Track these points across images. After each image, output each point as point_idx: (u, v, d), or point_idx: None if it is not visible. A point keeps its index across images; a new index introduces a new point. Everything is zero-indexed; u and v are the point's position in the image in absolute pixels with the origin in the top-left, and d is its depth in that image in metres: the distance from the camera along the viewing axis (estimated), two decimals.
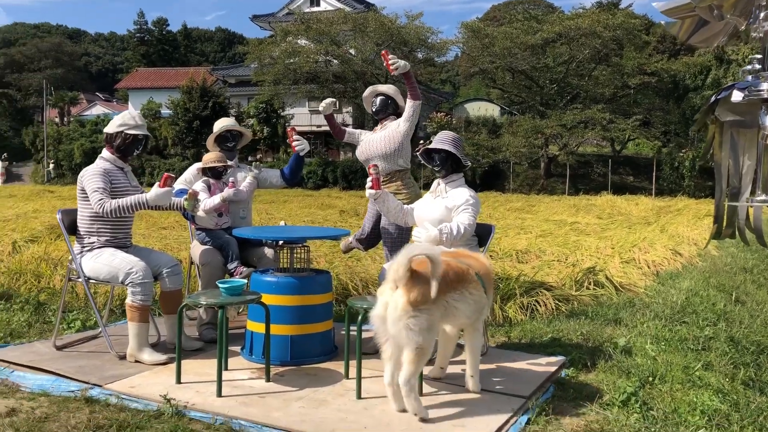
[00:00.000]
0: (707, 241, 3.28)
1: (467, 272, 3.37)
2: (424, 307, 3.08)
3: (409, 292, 3.06)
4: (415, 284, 3.07)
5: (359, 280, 6.44)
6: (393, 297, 3.08)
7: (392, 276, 3.08)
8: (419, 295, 3.06)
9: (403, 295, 3.05)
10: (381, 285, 4.19)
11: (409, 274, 3.06)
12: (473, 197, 4.09)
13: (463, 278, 3.34)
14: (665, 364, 4.16)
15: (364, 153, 4.94)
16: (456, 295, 3.28)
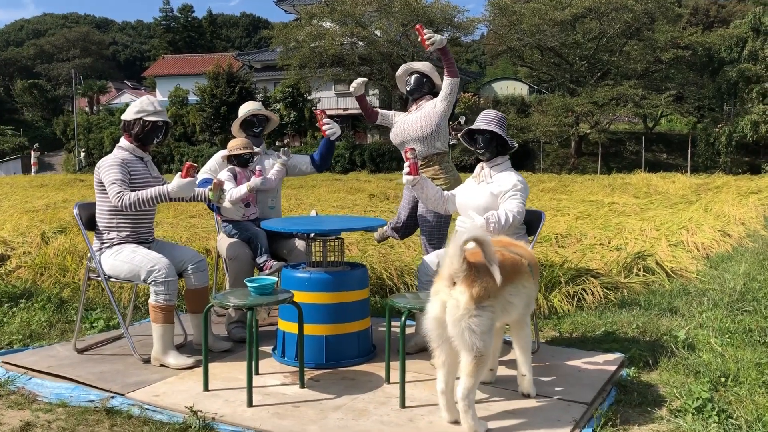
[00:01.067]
0: None
1: (520, 263, 3.04)
2: (488, 303, 2.76)
3: (471, 287, 2.73)
4: (475, 277, 2.75)
5: (394, 269, 6.14)
6: (452, 295, 2.76)
7: (447, 271, 2.76)
8: (482, 289, 2.74)
9: (465, 291, 2.73)
10: (430, 282, 3.90)
11: (467, 266, 2.74)
12: (521, 182, 3.73)
13: (517, 269, 3.01)
14: (735, 362, 3.78)
15: (399, 135, 4.61)
16: (512, 289, 2.95)
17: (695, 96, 32.80)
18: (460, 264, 2.72)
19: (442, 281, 2.81)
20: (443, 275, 2.79)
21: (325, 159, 4.77)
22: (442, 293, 2.80)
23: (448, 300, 2.76)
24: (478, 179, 3.85)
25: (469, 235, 2.73)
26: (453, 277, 2.75)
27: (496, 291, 2.81)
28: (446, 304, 2.77)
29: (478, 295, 2.73)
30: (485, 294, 2.75)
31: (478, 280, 2.75)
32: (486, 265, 2.78)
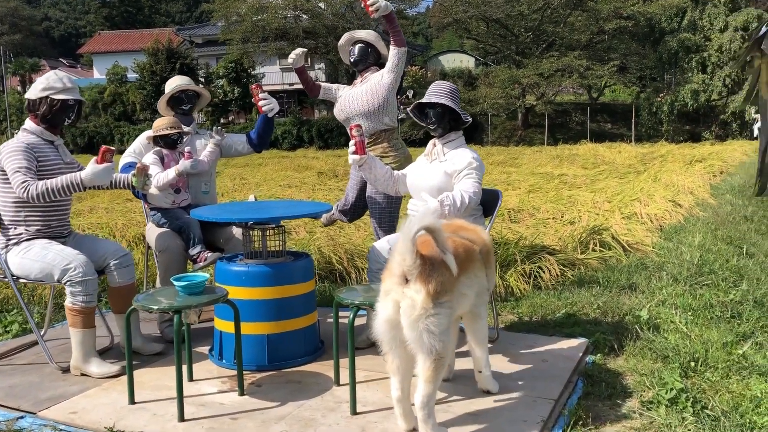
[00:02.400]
0: (755, 193, 2.75)
1: (472, 249, 2.74)
2: (445, 299, 2.46)
3: (427, 284, 2.42)
4: (431, 272, 2.44)
5: (343, 252, 5.81)
6: (406, 294, 2.44)
7: (399, 268, 2.44)
8: (438, 284, 2.43)
9: (421, 288, 2.41)
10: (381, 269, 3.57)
11: (420, 261, 2.42)
12: (477, 159, 3.43)
13: (470, 257, 2.71)
14: (702, 343, 3.60)
15: (344, 111, 4.25)
16: (466, 279, 2.65)
17: (637, 66, 33.16)
18: (414, 259, 2.40)
19: (392, 278, 2.49)
20: (393, 272, 2.47)
21: (262, 138, 4.38)
22: (394, 292, 2.47)
23: (402, 300, 2.44)
24: (430, 157, 3.54)
25: (418, 224, 2.41)
26: (406, 274, 2.43)
27: (452, 284, 2.52)
28: (400, 304, 2.45)
29: (435, 292, 2.42)
30: (442, 289, 2.45)
31: (434, 275, 2.44)
32: (439, 256, 2.48)
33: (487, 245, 2.85)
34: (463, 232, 2.78)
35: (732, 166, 15.34)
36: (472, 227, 2.90)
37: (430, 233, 2.46)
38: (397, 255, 2.43)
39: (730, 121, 29.91)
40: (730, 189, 11.32)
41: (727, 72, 29.38)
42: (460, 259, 2.57)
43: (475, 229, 2.87)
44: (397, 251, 2.43)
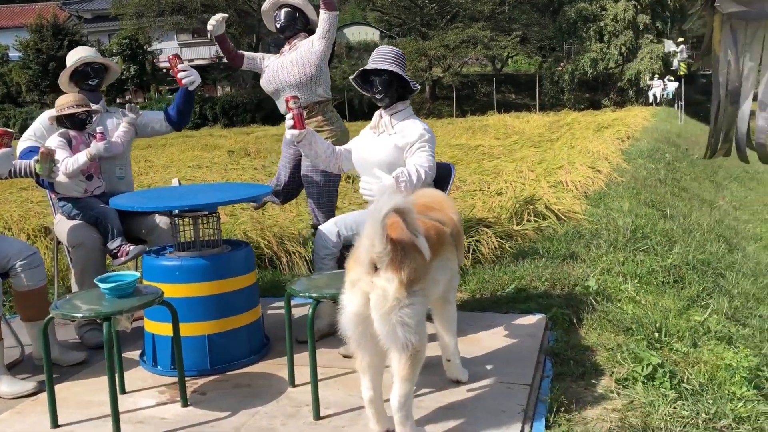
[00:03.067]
0: (705, 156, 2.72)
1: (443, 231, 2.50)
2: (419, 287, 2.20)
3: (400, 272, 2.14)
4: (403, 259, 2.17)
5: (272, 235, 5.46)
6: (376, 284, 2.15)
7: (368, 255, 2.15)
8: (411, 271, 2.17)
9: (393, 277, 2.14)
10: (330, 255, 3.28)
11: (391, 247, 2.15)
12: (428, 131, 3.18)
13: (441, 240, 2.47)
14: (659, 312, 3.53)
15: (272, 82, 3.89)
16: (438, 263, 2.41)
17: (538, 36, 33.91)
18: (384, 245, 2.12)
19: (359, 267, 2.20)
20: (361, 260, 2.18)
21: (183, 113, 3.94)
22: (361, 283, 2.19)
23: (372, 291, 2.16)
24: (377, 130, 3.25)
25: (388, 205, 2.13)
26: (377, 261, 2.15)
27: (426, 270, 2.26)
28: (369, 295, 2.17)
29: (409, 280, 2.16)
30: (415, 277, 2.19)
31: (406, 261, 2.17)
32: (410, 240, 2.22)
33: (457, 226, 2.61)
34: (431, 212, 2.52)
35: (636, 131, 15.85)
36: (440, 204, 2.64)
37: (400, 215, 2.19)
38: (365, 240, 2.15)
39: (627, 88, 31.08)
40: (641, 153, 11.66)
41: (622, 40, 30.44)
42: (432, 242, 2.31)
43: (443, 208, 2.62)
44: (365, 236, 2.14)
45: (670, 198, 8.49)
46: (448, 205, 2.64)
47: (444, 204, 2.64)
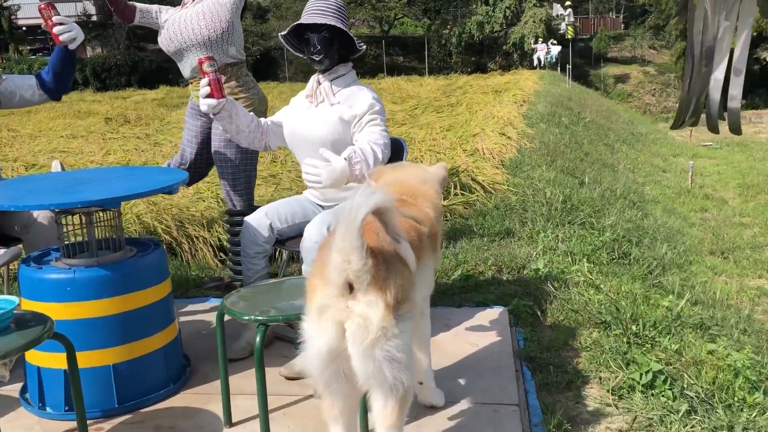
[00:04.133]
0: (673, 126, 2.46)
1: (422, 233, 1.99)
2: (407, 309, 1.68)
3: (384, 291, 1.62)
4: (387, 274, 1.64)
5: (171, 218, 4.76)
6: (354, 310, 1.61)
7: (342, 275, 1.60)
8: (399, 289, 1.65)
9: (377, 299, 1.61)
10: (261, 253, 2.69)
11: (372, 261, 1.62)
12: (378, 100, 2.64)
13: (421, 244, 1.96)
14: (626, 298, 3.22)
15: (174, 40, 3.21)
16: (419, 275, 1.91)
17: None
18: (364, 260, 1.59)
19: (327, 290, 1.65)
20: (331, 280, 1.63)
21: (61, 78, 3.14)
22: (333, 310, 1.64)
23: (349, 319, 1.63)
24: (315, 99, 2.67)
25: (366, 206, 1.58)
26: (352, 281, 1.62)
27: (411, 285, 1.76)
28: (345, 325, 1.64)
29: (396, 301, 1.64)
30: (403, 296, 1.68)
31: (392, 278, 1.65)
32: (391, 249, 1.70)
33: (435, 225, 2.08)
34: (405, 208, 1.99)
35: (530, 95, 15.92)
36: (412, 190, 2.09)
37: (378, 216, 1.66)
38: (337, 255, 1.60)
39: (512, 52, 31.51)
40: (541, 118, 11.62)
41: (507, 4, 30.72)
42: (414, 247, 1.80)
43: (415, 195, 2.08)
44: (337, 250, 1.60)
45: (580, 164, 8.42)
46: (423, 190, 2.11)
47: (418, 189, 2.10)
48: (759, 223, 9.09)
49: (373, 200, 1.59)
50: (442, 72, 29.74)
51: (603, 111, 18.30)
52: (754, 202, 10.62)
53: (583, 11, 39.42)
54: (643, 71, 32.45)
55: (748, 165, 13.92)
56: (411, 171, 2.20)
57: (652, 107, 30.00)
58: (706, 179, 12.59)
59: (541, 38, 29.05)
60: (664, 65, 32.02)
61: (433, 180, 2.19)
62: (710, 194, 11.10)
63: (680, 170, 12.93)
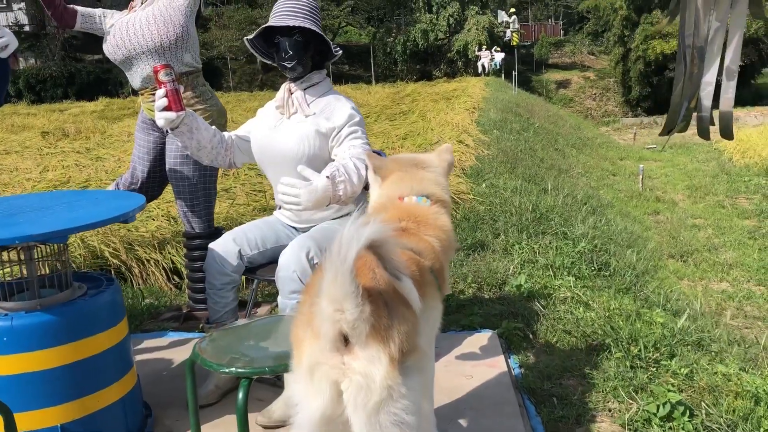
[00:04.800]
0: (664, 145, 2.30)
1: (424, 267, 1.72)
2: (414, 360, 1.41)
3: (387, 342, 1.35)
4: (389, 322, 1.37)
5: (119, 240, 4.39)
6: (353, 367, 1.34)
7: (334, 326, 1.32)
8: (403, 338, 1.38)
9: (379, 354, 1.33)
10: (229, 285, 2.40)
11: (371, 307, 1.35)
12: (357, 111, 2.38)
13: (424, 279, 1.69)
14: (620, 317, 3.04)
15: (122, 47, 2.89)
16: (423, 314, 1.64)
17: (367, 7, 33.57)
18: (359, 306, 1.32)
19: (318, 344, 1.36)
20: (322, 334, 1.35)
21: None
22: (327, 368, 1.36)
23: (346, 379, 1.35)
24: (287, 110, 2.39)
25: (358, 242, 1.31)
26: (347, 334, 1.34)
27: (417, 330, 1.49)
28: (342, 386, 1.36)
29: (401, 353, 1.38)
30: (409, 345, 1.41)
31: (395, 324, 1.39)
32: (391, 288, 1.44)
33: (439, 256, 1.80)
34: (405, 237, 1.72)
35: (479, 102, 15.91)
36: (412, 214, 1.82)
37: (374, 249, 1.39)
38: (328, 304, 1.32)
39: (456, 59, 31.68)
40: (494, 125, 11.55)
41: (450, 12, 30.89)
42: (417, 284, 1.54)
43: (418, 219, 1.81)
44: (327, 297, 1.32)
45: (539, 170, 8.33)
46: (424, 214, 1.85)
47: (419, 213, 1.84)
48: (711, 224, 9.17)
49: (365, 235, 1.31)
50: (387, 80, 29.65)
51: (550, 116, 18.45)
52: (704, 203, 10.75)
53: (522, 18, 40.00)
54: (583, 76, 33.09)
55: (693, 167, 14.17)
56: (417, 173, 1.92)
57: (593, 111, 30.60)
58: (655, 182, 12.74)
59: (484, 45, 29.29)
60: (603, 70, 32.73)
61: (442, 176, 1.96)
62: (661, 197, 11.20)
63: (629, 173, 13.07)
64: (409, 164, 1.91)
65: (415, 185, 1.85)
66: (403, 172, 1.89)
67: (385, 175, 1.87)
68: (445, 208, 1.92)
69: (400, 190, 1.83)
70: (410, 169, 1.90)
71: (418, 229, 1.76)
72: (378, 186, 1.88)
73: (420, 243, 1.73)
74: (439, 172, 1.98)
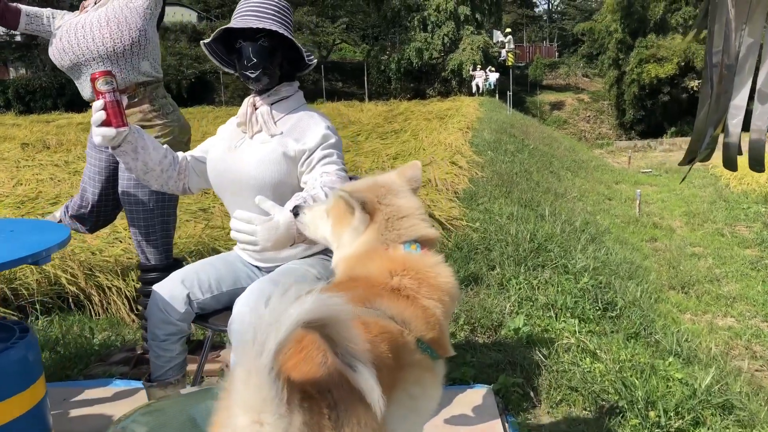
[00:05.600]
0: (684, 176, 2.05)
1: (401, 343, 1.28)
2: None
3: None
4: None
5: (78, 265, 4.00)
6: None
7: None
8: None
9: None
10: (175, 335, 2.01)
11: (302, 416, 0.95)
12: (333, 131, 2.00)
13: (400, 359, 1.26)
14: (630, 367, 2.66)
15: (68, 52, 2.52)
16: (395, 411, 1.24)
17: (362, 24, 33.46)
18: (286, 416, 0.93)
19: None
20: None
21: None
22: None
23: None
24: (250, 129, 2.02)
25: (288, 323, 0.92)
26: None
27: None
28: None
29: None
30: None
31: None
32: (342, 381, 1.04)
33: (439, 325, 1.36)
34: (376, 299, 1.30)
35: (473, 122, 15.62)
36: (417, 279, 1.38)
37: (320, 330, 1.00)
38: (242, 415, 0.94)
39: (450, 78, 31.52)
40: (488, 145, 11.24)
41: (445, 31, 30.78)
42: (384, 370, 1.14)
43: (418, 291, 1.38)
44: (241, 406, 0.94)
45: (536, 195, 7.99)
46: (423, 269, 1.39)
47: (417, 268, 1.38)
48: (711, 253, 8.84)
49: (295, 315, 0.92)
50: (381, 98, 29.44)
51: (545, 138, 18.19)
52: (702, 231, 10.44)
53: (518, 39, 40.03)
54: (577, 98, 33.02)
55: (690, 192, 13.89)
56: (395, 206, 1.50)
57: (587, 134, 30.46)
58: (651, 207, 12.44)
59: (479, 65, 29.15)
60: (597, 92, 32.69)
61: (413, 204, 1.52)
62: (658, 223, 10.89)
63: (624, 198, 12.77)
64: (374, 192, 1.50)
65: (402, 227, 1.45)
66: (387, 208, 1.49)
67: (373, 214, 1.47)
68: (434, 247, 1.54)
69: (384, 236, 1.43)
70: (385, 199, 1.49)
71: (418, 290, 1.36)
72: (358, 232, 1.46)
73: (410, 309, 1.32)
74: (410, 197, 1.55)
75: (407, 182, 1.54)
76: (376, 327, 1.18)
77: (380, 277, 1.33)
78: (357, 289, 1.26)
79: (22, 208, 5.86)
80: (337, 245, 1.51)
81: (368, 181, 1.54)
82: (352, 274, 1.36)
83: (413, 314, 1.29)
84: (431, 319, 1.31)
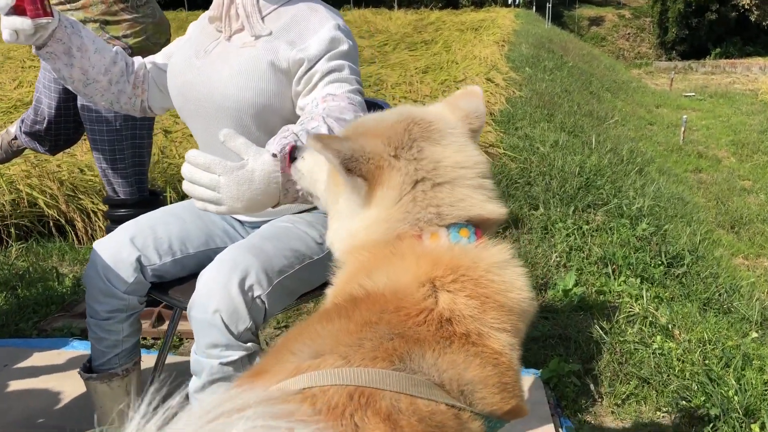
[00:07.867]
0: None
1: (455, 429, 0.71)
2: None
3: None
4: None
5: (58, 187, 3.50)
6: None
7: None
8: None
9: None
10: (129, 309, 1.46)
11: None
12: (345, 32, 1.38)
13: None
14: (715, 353, 2.11)
15: None
16: None
17: None
18: None
19: None
20: None
21: None
22: None
23: None
24: (227, 26, 1.40)
25: None
26: None
27: None
28: None
29: None
30: None
31: None
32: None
33: (516, 387, 0.78)
34: (405, 342, 0.72)
35: (509, 35, 14.60)
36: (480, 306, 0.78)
37: None
38: None
39: None
40: (525, 61, 10.40)
41: None
42: None
43: (479, 330, 0.76)
44: None
45: (578, 119, 7.27)
46: (484, 279, 0.80)
47: (473, 275, 0.80)
48: (762, 188, 8.14)
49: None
50: (411, 6, 28.06)
51: (584, 55, 17.11)
52: (751, 162, 9.67)
53: None
54: (618, 14, 31.32)
55: (738, 120, 12.97)
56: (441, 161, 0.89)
57: (626, 52, 29.02)
58: (695, 134, 11.61)
59: None
60: (640, 8, 30.93)
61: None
62: (703, 152, 10.12)
63: (666, 123, 11.95)
64: (395, 136, 0.90)
65: (444, 200, 0.85)
66: (412, 165, 0.88)
67: (376, 175, 0.88)
68: (493, 232, 0.94)
69: (413, 215, 0.85)
70: (413, 149, 0.88)
71: (481, 318, 0.77)
72: (357, 202, 0.89)
73: (473, 362, 0.74)
74: (463, 146, 0.96)
75: (462, 119, 0.94)
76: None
77: (412, 295, 0.75)
78: (378, 326, 0.70)
79: (14, 113, 5.30)
80: (333, 213, 0.93)
81: (393, 114, 0.94)
82: (365, 284, 0.79)
83: (480, 374, 0.72)
84: (508, 374, 0.74)
